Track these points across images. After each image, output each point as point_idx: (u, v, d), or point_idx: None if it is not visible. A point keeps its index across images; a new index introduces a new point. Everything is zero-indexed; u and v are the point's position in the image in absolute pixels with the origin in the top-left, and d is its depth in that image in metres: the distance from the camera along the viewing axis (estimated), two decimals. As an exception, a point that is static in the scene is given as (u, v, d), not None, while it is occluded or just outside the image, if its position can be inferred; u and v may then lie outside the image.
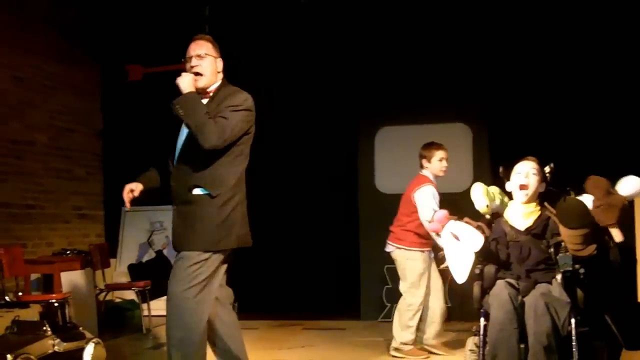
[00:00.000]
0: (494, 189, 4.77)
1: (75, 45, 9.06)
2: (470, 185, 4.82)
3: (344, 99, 8.63)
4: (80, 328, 5.76)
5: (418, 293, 6.18)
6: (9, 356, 4.72)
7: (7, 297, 6.69)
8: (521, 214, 4.62)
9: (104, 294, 8.04)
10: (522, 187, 4.58)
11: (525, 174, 4.60)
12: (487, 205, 4.62)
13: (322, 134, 8.89)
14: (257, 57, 8.85)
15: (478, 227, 4.44)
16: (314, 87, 8.75)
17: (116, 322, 8.25)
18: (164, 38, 9.06)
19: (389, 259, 8.12)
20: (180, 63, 8.12)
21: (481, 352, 4.40)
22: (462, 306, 7.50)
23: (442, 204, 5.88)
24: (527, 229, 4.56)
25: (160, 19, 8.98)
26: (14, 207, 7.85)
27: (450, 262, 4.44)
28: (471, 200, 4.73)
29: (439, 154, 6.33)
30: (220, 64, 4.52)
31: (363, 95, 8.56)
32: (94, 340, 5.59)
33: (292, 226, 8.77)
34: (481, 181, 4.79)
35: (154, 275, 8.73)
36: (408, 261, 6.26)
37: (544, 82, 7.84)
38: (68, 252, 7.79)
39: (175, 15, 8.89)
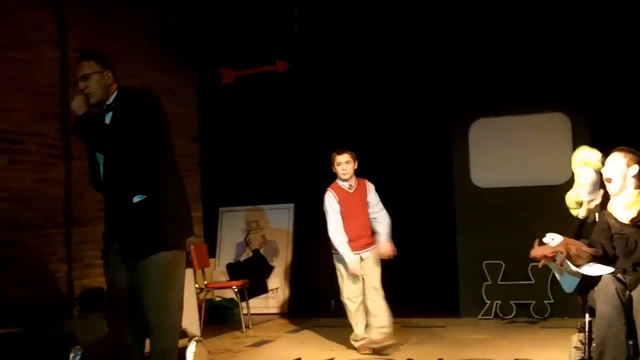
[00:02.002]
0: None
1: (170, 52, 9.29)
2: (570, 178, 4.72)
3: (437, 90, 8.54)
4: (183, 327, 5.87)
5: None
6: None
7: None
8: (623, 205, 4.48)
9: (204, 293, 8.19)
10: (606, 180, 4.54)
11: (608, 166, 4.53)
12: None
13: (415, 127, 8.81)
14: (349, 53, 8.87)
15: (594, 251, 4.34)
16: (407, 80, 8.70)
17: (216, 320, 8.41)
18: (254, 40, 9.20)
19: (488, 254, 8.04)
20: (271, 64, 8.24)
21: (587, 349, 4.28)
22: (563, 301, 7.31)
23: (540, 197, 5.73)
24: (631, 220, 4.42)
25: (250, 21, 9.11)
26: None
27: (558, 276, 4.40)
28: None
29: (336, 160, 6.59)
30: (109, 76, 4.41)
31: (457, 86, 8.44)
32: (195, 338, 5.69)
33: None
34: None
35: (251, 274, 8.87)
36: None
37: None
38: (169, 252, 7.96)
39: (265, 17, 9.00)
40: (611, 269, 4.25)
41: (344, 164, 6.56)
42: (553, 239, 4.32)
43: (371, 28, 8.67)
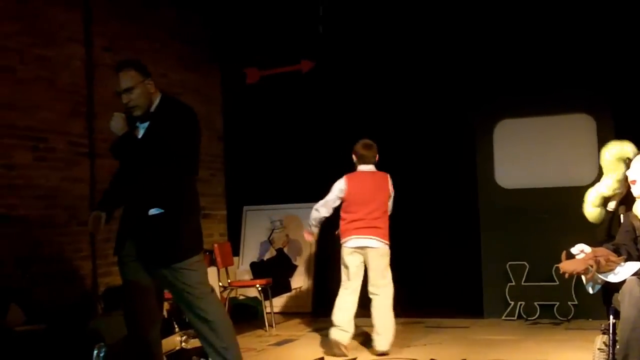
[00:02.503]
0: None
1: (197, 52, 9.35)
2: (595, 179, 4.69)
3: (461, 90, 8.50)
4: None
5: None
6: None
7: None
8: (649, 208, 4.43)
9: (227, 291, 8.22)
10: (631, 182, 4.49)
11: (633, 168, 4.47)
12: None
13: (440, 127, 8.78)
14: (373, 53, 8.86)
15: (621, 259, 4.27)
16: (432, 80, 8.68)
17: (240, 319, 8.44)
18: (279, 40, 9.21)
19: (512, 255, 8.00)
20: (296, 64, 8.21)
21: (611, 351, 4.25)
22: (587, 303, 7.25)
23: (565, 199, 5.65)
24: (657, 223, 4.37)
25: (275, 21, 9.12)
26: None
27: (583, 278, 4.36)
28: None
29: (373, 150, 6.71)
30: (151, 84, 4.38)
31: (481, 87, 8.40)
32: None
33: (412, 224, 8.68)
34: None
35: (275, 273, 8.88)
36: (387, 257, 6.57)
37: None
38: (194, 251, 8.01)
39: (290, 17, 9.01)
40: (637, 264, 4.20)
41: None
42: (582, 250, 4.27)
43: (395, 28, 8.65)
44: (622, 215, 4.58)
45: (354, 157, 6.63)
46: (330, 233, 6.85)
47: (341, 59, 9.07)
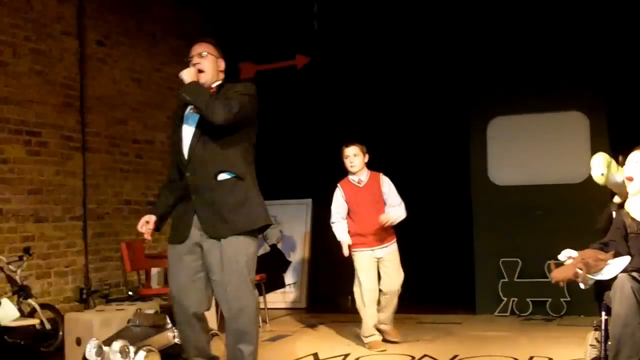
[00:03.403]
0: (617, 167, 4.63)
1: (190, 46, 9.30)
2: (588, 177, 4.69)
3: (455, 87, 8.51)
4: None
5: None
6: (131, 347, 4.88)
7: (129, 291, 6.95)
8: (641, 205, 4.44)
9: (221, 287, 8.20)
10: (627, 178, 4.45)
11: (628, 165, 4.45)
12: (603, 174, 4.50)
13: (434, 124, 8.79)
14: (367, 49, 8.86)
15: (609, 256, 4.27)
16: (426, 77, 8.69)
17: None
18: (274, 35, 9.20)
19: (504, 252, 8.02)
20: (291, 59, 8.21)
21: (603, 347, 4.26)
22: (579, 299, 7.28)
23: (558, 196, 5.71)
24: (650, 220, 4.38)
25: (270, 16, 9.11)
26: (135, 204, 8.17)
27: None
28: (588, 192, 4.62)
29: (344, 153, 6.56)
30: (222, 64, 4.61)
31: (475, 84, 8.41)
32: (212, 332, 5.69)
33: (405, 220, 8.68)
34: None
35: (269, 269, 8.88)
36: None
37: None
38: (187, 246, 7.99)
39: (285, 12, 9.01)
40: (626, 259, 4.21)
41: (352, 156, 6.50)
42: (570, 256, 4.29)
43: (390, 24, 8.66)
44: (614, 212, 4.59)
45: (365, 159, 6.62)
46: (329, 229, 6.81)
47: (336, 55, 9.08)
